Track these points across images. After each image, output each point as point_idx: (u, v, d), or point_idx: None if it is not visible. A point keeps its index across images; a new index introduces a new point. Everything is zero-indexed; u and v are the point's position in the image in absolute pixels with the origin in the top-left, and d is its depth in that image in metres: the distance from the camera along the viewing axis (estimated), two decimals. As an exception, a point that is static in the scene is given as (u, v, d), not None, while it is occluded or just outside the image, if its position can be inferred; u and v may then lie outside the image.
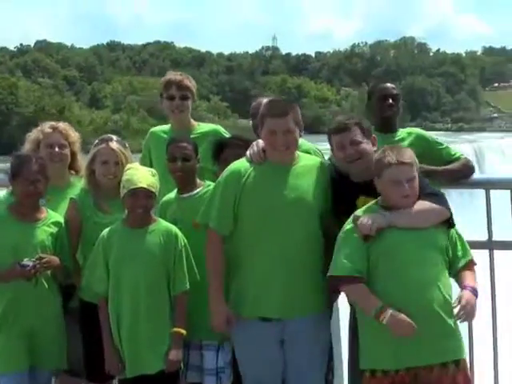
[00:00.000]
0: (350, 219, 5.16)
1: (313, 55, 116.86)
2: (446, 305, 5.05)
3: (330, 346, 5.79)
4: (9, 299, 5.66)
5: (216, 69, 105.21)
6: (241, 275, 5.50)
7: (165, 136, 6.54)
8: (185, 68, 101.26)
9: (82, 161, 6.27)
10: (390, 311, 4.89)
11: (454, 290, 5.12)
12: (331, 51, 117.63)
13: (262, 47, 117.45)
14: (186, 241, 5.65)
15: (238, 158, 5.70)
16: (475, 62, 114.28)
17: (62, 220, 5.85)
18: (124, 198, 5.58)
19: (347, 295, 5.19)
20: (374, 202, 5.21)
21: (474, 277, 5.16)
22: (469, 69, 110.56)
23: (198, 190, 5.90)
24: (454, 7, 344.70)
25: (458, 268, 5.16)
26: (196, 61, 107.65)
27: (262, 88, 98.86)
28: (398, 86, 6.73)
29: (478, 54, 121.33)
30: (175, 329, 5.57)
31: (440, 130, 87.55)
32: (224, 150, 5.99)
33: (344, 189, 5.47)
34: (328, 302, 5.64)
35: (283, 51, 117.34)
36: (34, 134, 6.26)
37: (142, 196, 5.52)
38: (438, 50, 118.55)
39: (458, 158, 6.34)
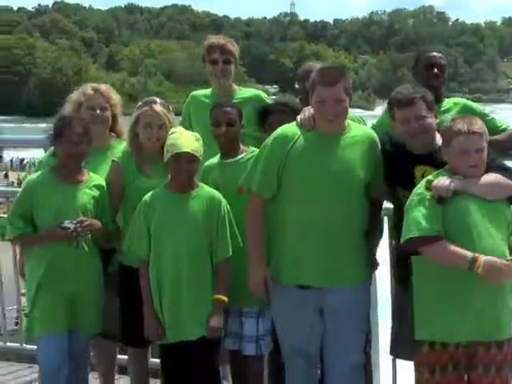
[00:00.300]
0: (422, 183, 5.09)
1: (331, 22, 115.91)
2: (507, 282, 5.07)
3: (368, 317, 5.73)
4: (49, 262, 5.62)
5: (234, 33, 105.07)
6: (281, 241, 5.44)
7: (206, 100, 6.48)
8: (203, 32, 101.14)
9: (123, 123, 6.22)
10: (483, 258, 4.85)
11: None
12: (349, 18, 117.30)
13: (280, 13, 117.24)
14: (229, 207, 5.59)
15: (283, 124, 5.61)
16: (494, 33, 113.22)
17: (103, 183, 5.79)
18: (168, 162, 5.50)
19: (428, 255, 5.02)
20: (440, 170, 5.14)
21: None
22: (488, 39, 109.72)
23: (241, 155, 5.84)
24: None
25: None
26: (214, 25, 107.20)
27: (279, 54, 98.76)
28: (414, 56, 6.67)
29: (498, 24, 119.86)
30: (217, 295, 5.52)
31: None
32: (269, 116, 5.93)
33: (401, 159, 5.41)
34: (369, 272, 5.61)
35: (301, 17, 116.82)
36: (75, 96, 6.17)
37: (186, 160, 5.44)
38: (457, 19, 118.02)
39: (504, 129, 6.29)
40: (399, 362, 6.10)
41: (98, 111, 6.06)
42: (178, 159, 5.44)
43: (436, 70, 6.17)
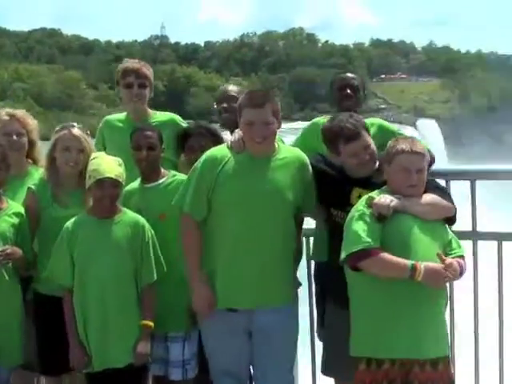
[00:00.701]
0: (362, 200, 5.15)
1: (202, 44, 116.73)
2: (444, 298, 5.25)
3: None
4: None
5: (104, 57, 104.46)
6: (212, 264, 5.44)
7: (120, 124, 6.45)
8: (73, 56, 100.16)
9: (40, 149, 6.13)
10: (422, 265, 4.91)
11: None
12: (220, 41, 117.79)
13: (151, 36, 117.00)
14: (153, 232, 5.55)
15: (203, 147, 5.72)
16: (363, 54, 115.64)
17: (22, 210, 5.67)
18: (90, 187, 5.46)
19: (369, 268, 5.03)
20: (381, 189, 5.21)
21: (463, 264, 5.17)
22: (357, 60, 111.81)
23: (163, 179, 5.83)
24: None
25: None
26: (84, 48, 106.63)
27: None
28: (287, 78, 6.73)
29: (366, 45, 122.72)
30: (143, 321, 5.48)
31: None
32: (189, 139, 5.95)
33: (338, 181, 5.46)
34: (295, 292, 5.64)
35: (172, 40, 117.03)
36: None
37: (109, 186, 5.40)
38: (327, 41, 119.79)
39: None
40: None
41: (15, 137, 5.94)
42: (101, 184, 5.40)
43: (349, 91, 6.21)
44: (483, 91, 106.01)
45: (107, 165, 5.43)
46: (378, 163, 5.41)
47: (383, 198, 5.01)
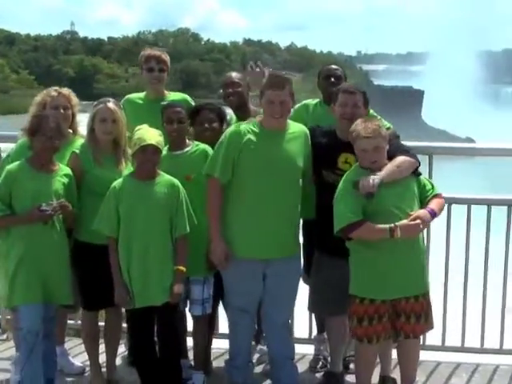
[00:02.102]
0: (343, 181, 5.19)
1: (106, 39, 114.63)
2: (423, 245, 5.33)
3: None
4: (28, 241, 5.31)
5: (24, 47, 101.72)
6: (232, 220, 5.41)
7: (141, 102, 6.33)
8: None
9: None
10: (398, 226, 4.99)
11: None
12: (121, 36, 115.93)
13: (64, 31, 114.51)
14: (185, 192, 5.43)
15: (211, 121, 5.78)
16: (237, 51, 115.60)
17: (71, 172, 5.49)
18: (135, 153, 5.32)
19: (358, 237, 5.13)
20: (355, 165, 5.25)
21: (438, 203, 5.26)
22: (232, 56, 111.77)
23: (188, 148, 5.70)
24: (219, 3, 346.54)
25: (427, 200, 5.26)
26: (7, 40, 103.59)
27: (63, 65, 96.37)
28: (176, 69, 6.71)
29: (240, 44, 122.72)
30: (178, 266, 5.36)
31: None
32: (199, 114, 5.83)
33: (329, 146, 5.48)
34: (299, 244, 5.63)
35: (81, 35, 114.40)
36: (39, 97, 5.86)
37: (151, 152, 5.27)
38: (208, 39, 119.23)
39: (388, 128, 6.35)
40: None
41: (62, 110, 5.76)
42: (145, 150, 5.27)
43: (333, 79, 6.15)
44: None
45: (149, 134, 5.29)
46: None
47: (366, 180, 5.03)
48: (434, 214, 5.19)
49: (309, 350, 6.40)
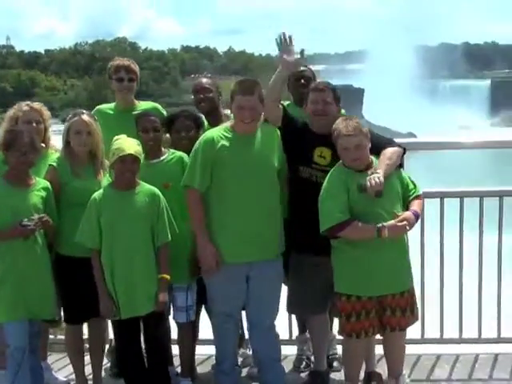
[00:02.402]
0: (328, 180, 5.21)
1: (43, 52, 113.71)
2: (406, 244, 5.36)
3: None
4: (9, 258, 5.26)
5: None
6: (217, 226, 5.39)
7: (111, 112, 6.31)
8: None
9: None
10: (385, 226, 5.05)
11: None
12: (58, 48, 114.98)
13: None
14: (165, 200, 5.42)
15: (188, 129, 5.77)
16: (175, 57, 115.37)
17: (48, 184, 5.44)
18: (114, 163, 5.31)
19: (346, 236, 5.16)
20: (338, 164, 5.27)
21: (419, 204, 5.37)
22: (171, 63, 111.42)
23: (164, 156, 5.68)
24: (155, 12, 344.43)
25: (409, 200, 5.33)
26: None
27: (0, 80, 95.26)
28: None
29: (178, 51, 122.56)
30: (162, 275, 5.35)
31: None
32: (175, 122, 5.82)
33: (303, 140, 5.51)
34: (282, 246, 5.60)
35: (18, 49, 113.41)
36: (11, 112, 5.82)
37: (130, 161, 5.27)
38: (146, 48, 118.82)
39: None
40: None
41: (35, 124, 5.73)
42: (124, 160, 5.26)
43: (303, 81, 6.19)
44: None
45: (128, 144, 5.29)
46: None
47: (371, 180, 5.05)
48: (417, 217, 5.27)
49: (290, 350, 6.41)
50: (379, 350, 5.74)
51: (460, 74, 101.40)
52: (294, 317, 6.41)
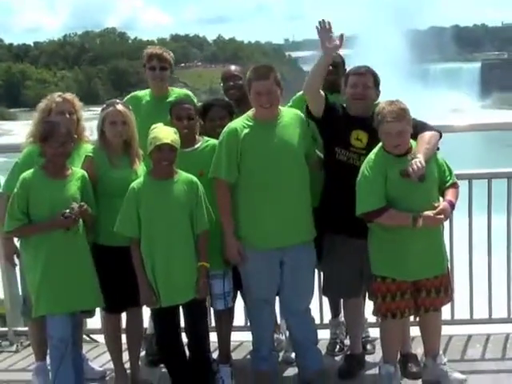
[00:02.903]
0: (367, 164, 5.22)
1: (32, 44, 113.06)
2: (441, 228, 5.38)
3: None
4: (50, 250, 5.26)
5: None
6: (246, 215, 5.42)
7: (146, 99, 6.31)
8: None
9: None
10: (421, 216, 5.06)
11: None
12: (47, 41, 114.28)
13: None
14: (203, 188, 5.42)
15: (222, 118, 5.75)
16: (166, 47, 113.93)
17: (85, 174, 5.44)
18: (151, 152, 5.29)
19: (381, 222, 5.20)
20: (378, 148, 5.26)
21: (456, 194, 5.35)
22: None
23: (198, 144, 5.67)
24: (141, 1, 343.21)
25: (444, 188, 5.33)
26: None
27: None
28: (105, 69, 6.71)
29: (168, 40, 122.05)
30: (201, 263, 5.36)
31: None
32: (209, 111, 5.83)
33: (341, 123, 5.51)
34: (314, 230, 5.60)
35: (7, 42, 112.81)
36: (43, 103, 5.78)
37: (167, 150, 5.25)
38: (136, 38, 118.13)
39: None
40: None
41: (68, 115, 5.69)
42: (161, 149, 5.25)
43: (331, 68, 6.13)
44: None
45: (165, 133, 5.28)
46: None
47: (415, 165, 5.05)
48: (453, 207, 5.29)
49: (322, 334, 6.42)
50: (414, 332, 5.79)
51: (450, 56, 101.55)
52: (325, 301, 6.44)
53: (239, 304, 6.06)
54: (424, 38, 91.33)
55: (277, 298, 5.72)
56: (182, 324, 5.56)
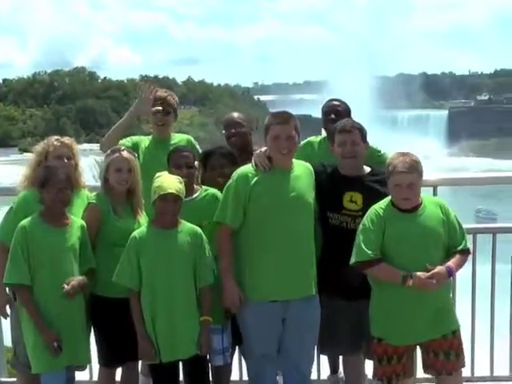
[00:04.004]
0: (370, 214, 5.07)
1: (0, 81, 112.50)
2: (447, 285, 5.15)
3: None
4: (46, 308, 5.09)
5: None
6: (251, 264, 5.21)
7: (147, 142, 6.15)
8: None
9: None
10: (411, 277, 4.88)
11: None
12: (16, 78, 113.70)
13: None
14: (206, 240, 5.23)
15: (223, 166, 5.58)
16: (135, 87, 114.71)
17: (84, 224, 5.24)
18: (155, 202, 5.11)
19: (371, 274, 5.08)
20: (387, 200, 5.11)
21: (460, 261, 5.08)
22: (131, 93, 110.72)
23: (197, 193, 5.50)
24: (111, 40, 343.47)
25: (452, 252, 5.10)
26: None
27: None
28: (73, 108, 6.61)
29: (137, 80, 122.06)
30: (204, 317, 5.16)
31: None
32: (210, 159, 5.64)
33: (333, 184, 5.39)
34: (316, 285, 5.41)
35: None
36: (40, 147, 5.57)
37: (171, 200, 5.07)
38: (105, 77, 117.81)
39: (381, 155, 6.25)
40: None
41: (65, 160, 5.48)
42: (165, 199, 5.07)
43: (333, 116, 6.02)
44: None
45: (169, 182, 5.09)
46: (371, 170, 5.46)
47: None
48: (451, 274, 5.04)
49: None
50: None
51: (418, 103, 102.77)
52: (322, 356, 6.24)
53: (235, 358, 5.91)
54: (392, 85, 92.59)
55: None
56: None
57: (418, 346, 5.21)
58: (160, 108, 6.05)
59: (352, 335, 5.48)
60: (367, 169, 5.50)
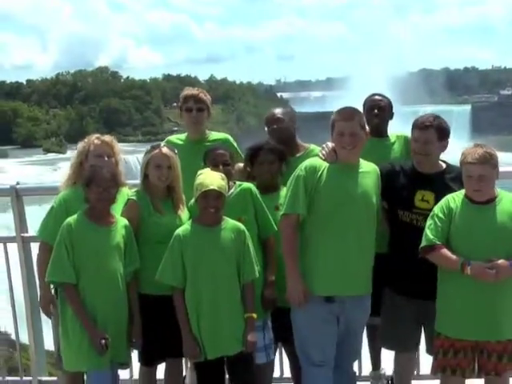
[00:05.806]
0: (439, 204, 5.02)
1: (24, 82, 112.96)
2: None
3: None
4: (90, 303, 5.09)
5: None
6: (311, 257, 5.13)
7: (181, 143, 6.05)
8: None
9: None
10: (469, 265, 4.80)
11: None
12: (39, 79, 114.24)
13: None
14: (250, 236, 5.19)
15: (271, 162, 5.55)
16: (157, 86, 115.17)
17: (127, 223, 5.21)
18: (197, 199, 5.08)
19: (431, 259, 4.98)
20: (461, 192, 5.03)
21: None
22: (153, 92, 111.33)
23: (232, 189, 5.43)
24: (131, 40, 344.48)
25: None
26: None
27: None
28: (97, 108, 6.50)
29: (160, 79, 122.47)
30: (249, 314, 5.12)
31: (132, 141, 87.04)
32: (259, 154, 5.59)
33: (404, 184, 5.33)
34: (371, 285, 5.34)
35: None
36: (81, 146, 5.55)
37: (213, 197, 5.03)
38: (128, 77, 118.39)
39: None
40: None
41: (106, 158, 5.45)
42: (207, 196, 5.03)
43: (376, 111, 5.95)
44: (255, 113, 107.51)
45: (211, 179, 5.06)
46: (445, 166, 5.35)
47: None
48: None
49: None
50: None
51: (441, 99, 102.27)
52: (364, 353, 6.18)
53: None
54: (415, 81, 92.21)
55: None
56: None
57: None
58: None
59: (413, 331, 5.46)
60: (443, 165, 5.41)
